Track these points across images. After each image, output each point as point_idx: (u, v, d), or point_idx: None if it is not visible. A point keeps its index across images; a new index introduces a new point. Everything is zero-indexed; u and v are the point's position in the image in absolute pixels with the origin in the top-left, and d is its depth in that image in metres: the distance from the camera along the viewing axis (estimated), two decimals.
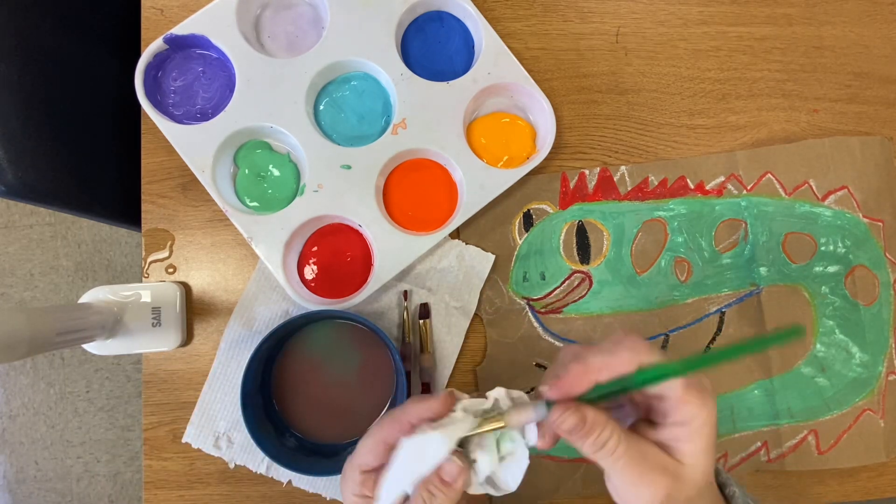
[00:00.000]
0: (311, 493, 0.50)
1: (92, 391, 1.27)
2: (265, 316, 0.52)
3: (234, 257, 0.52)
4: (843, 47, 0.57)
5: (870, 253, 0.54)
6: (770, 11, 0.57)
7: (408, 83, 0.51)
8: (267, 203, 0.51)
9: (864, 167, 0.55)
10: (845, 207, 0.54)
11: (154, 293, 0.49)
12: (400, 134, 0.51)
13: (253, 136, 0.51)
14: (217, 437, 0.50)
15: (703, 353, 0.28)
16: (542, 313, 0.53)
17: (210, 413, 0.51)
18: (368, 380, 0.50)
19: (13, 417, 1.26)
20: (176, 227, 0.53)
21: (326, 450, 0.50)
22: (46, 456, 1.26)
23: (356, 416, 0.50)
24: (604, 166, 0.54)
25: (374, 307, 0.52)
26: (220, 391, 0.51)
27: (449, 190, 0.52)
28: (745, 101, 0.56)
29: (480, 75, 0.52)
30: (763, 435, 0.52)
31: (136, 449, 1.27)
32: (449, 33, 0.54)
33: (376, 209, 0.50)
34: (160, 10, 0.54)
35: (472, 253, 0.52)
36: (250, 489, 0.50)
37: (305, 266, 0.51)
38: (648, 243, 0.53)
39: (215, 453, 0.50)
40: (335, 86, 0.53)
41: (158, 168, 0.53)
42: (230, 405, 0.51)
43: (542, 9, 0.56)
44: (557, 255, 0.53)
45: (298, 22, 0.53)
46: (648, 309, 0.53)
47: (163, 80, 0.51)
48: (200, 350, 0.51)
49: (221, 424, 0.50)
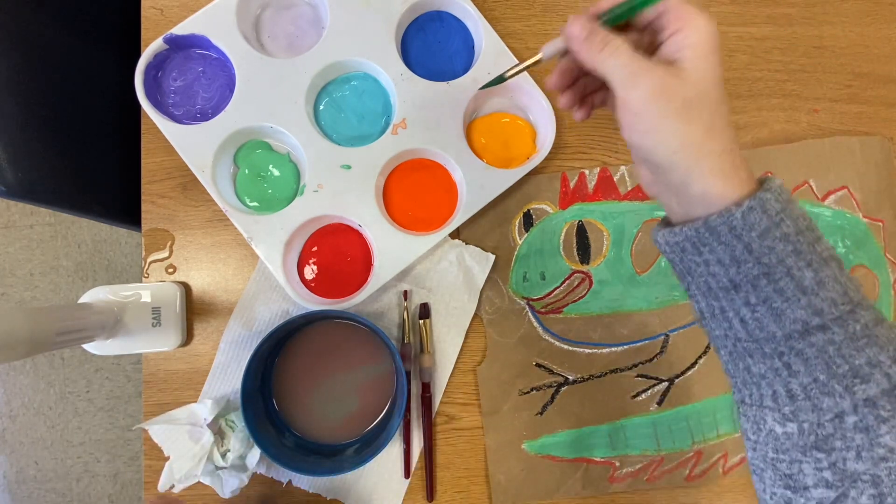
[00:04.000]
0: (311, 493, 0.50)
1: (92, 391, 1.27)
2: (265, 316, 0.52)
3: (234, 257, 0.52)
4: (843, 47, 0.57)
5: (870, 253, 0.54)
6: (770, 11, 0.57)
7: (408, 83, 0.51)
8: (267, 203, 0.51)
9: (864, 167, 0.55)
10: (845, 207, 0.54)
11: (154, 293, 0.49)
12: (400, 134, 0.51)
13: (253, 136, 0.51)
14: None
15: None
16: (542, 313, 0.53)
17: None
18: (368, 380, 0.50)
19: (13, 417, 1.26)
20: (176, 227, 0.53)
21: (326, 450, 0.50)
22: (46, 456, 1.26)
23: (356, 416, 0.50)
24: (604, 166, 0.54)
25: (374, 307, 0.52)
26: (220, 391, 0.51)
27: (449, 190, 0.52)
28: (745, 101, 0.56)
29: (480, 75, 0.52)
30: None
31: (136, 449, 1.27)
32: (449, 33, 0.54)
33: (376, 209, 0.50)
34: (160, 10, 0.54)
35: (472, 253, 0.52)
36: (250, 489, 0.50)
37: (305, 266, 0.51)
38: (648, 243, 0.53)
39: None
40: (335, 86, 0.53)
41: (158, 168, 0.53)
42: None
43: (542, 9, 0.56)
44: (557, 255, 0.53)
45: (298, 22, 0.53)
46: (648, 309, 0.53)
47: (163, 80, 0.51)
48: (200, 350, 0.51)
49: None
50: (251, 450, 0.48)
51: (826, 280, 0.28)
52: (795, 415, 0.29)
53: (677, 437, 0.52)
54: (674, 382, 0.53)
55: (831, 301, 0.28)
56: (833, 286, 0.28)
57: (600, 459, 0.52)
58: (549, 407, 0.52)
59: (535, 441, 0.51)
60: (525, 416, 0.52)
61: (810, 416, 0.29)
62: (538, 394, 0.52)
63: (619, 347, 0.53)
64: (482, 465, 0.52)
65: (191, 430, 0.47)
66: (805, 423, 0.29)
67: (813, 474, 0.29)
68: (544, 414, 0.52)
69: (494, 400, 0.52)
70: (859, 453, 0.27)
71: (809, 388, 0.29)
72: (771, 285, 0.29)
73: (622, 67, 0.29)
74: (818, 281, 0.28)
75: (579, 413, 0.52)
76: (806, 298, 0.28)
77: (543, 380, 0.52)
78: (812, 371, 0.29)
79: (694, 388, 0.53)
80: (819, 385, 0.29)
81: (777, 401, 0.30)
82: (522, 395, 0.52)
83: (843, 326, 0.28)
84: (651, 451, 0.52)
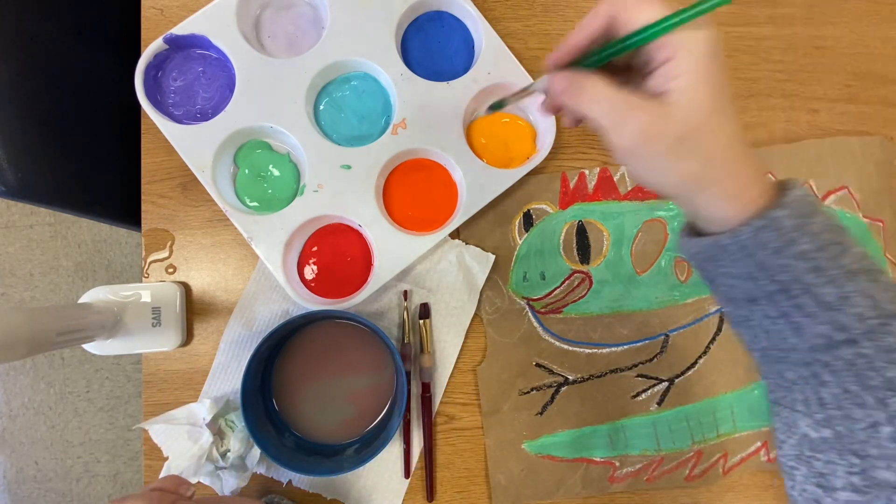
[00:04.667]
0: (311, 493, 0.50)
1: (92, 391, 1.27)
2: (265, 316, 0.51)
3: (234, 257, 0.52)
4: (843, 47, 0.57)
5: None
6: (770, 11, 0.57)
7: (408, 83, 0.51)
8: (267, 203, 0.51)
9: (864, 167, 0.55)
10: (845, 207, 0.54)
11: (154, 293, 0.49)
12: (400, 134, 0.51)
13: (253, 136, 0.51)
14: None
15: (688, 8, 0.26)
16: (542, 313, 0.53)
17: None
18: (368, 380, 0.50)
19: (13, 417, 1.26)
20: (176, 227, 0.53)
21: (326, 450, 0.50)
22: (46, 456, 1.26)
23: (356, 416, 0.50)
24: (604, 166, 0.54)
25: (374, 307, 0.52)
26: (220, 391, 0.51)
27: (449, 190, 0.52)
28: (745, 101, 0.56)
29: (480, 75, 0.52)
30: (763, 435, 0.52)
31: (136, 449, 1.27)
32: (449, 33, 0.54)
33: (376, 209, 0.50)
34: (160, 10, 0.54)
35: (472, 253, 0.52)
36: (250, 489, 0.50)
37: (305, 266, 0.51)
38: (648, 243, 0.53)
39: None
40: (335, 86, 0.53)
41: (158, 168, 0.53)
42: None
43: (542, 9, 0.56)
44: (557, 255, 0.53)
45: (298, 22, 0.53)
46: (648, 309, 0.53)
47: (163, 80, 0.51)
48: (200, 350, 0.51)
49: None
50: (251, 450, 0.48)
51: (851, 295, 0.27)
52: (829, 421, 0.29)
53: (677, 437, 0.52)
54: (674, 382, 0.53)
55: (857, 316, 0.27)
56: (860, 301, 0.27)
57: (600, 459, 0.52)
58: (549, 407, 0.52)
59: (535, 441, 0.51)
60: (525, 416, 0.52)
61: (844, 423, 0.28)
62: (538, 394, 0.52)
63: (619, 347, 0.53)
64: (482, 465, 0.52)
65: (190, 430, 0.47)
66: (840, 428, 0.28)
67: (844, 477, 0.28)
68: (544, 414, 0.52)
69: (494, 400, 0.52)
70: (890, 464, 0.27)
71: (841, 398, 0.28)
72: (789, 301, 0.28)
73: (606, 114, 0.29)
74: (842, 296, 0.27)
75: (579, 413, 0.52)
76: (828, 314, 0.28)
77: (543, 380, 0.52)
78: (842, 382, 0.28)
79: (694, 389, 0.53)
80: (851, 396, 0.28)
81: (809, 406, 0.30)
82: (522, 395, 0.52)
83: (873, 340, 0.27)
84: (651, 451, 0.52)
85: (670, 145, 0.27)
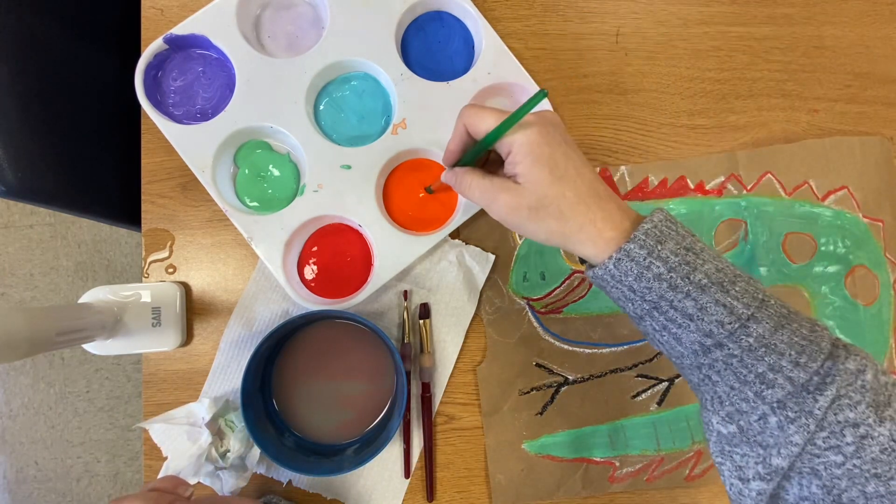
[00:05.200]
0: (311, 493, 0.50)
1: (92, 391, 1.27)
2: (265, 316, 0.52)
3: (234, 257, 0.52)
4: (843, 47, 0.57)
5: (870, 253, 0.54)
6: (770, 11, 0.57)
7: (408, 83, 0.51)
8: (267, 203, 0.51)
9: (864, 167, 0.55)
10: (845, 207, 0.54)
11: (154, 293, 0.49)
12: (400, 134, 0.51)
13: (253, 136, 0.51)
14: None
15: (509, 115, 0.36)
16: (542, 313, 0.53)
17: None
18: (368, 380, 0.50)
19: (13, 417, 1.27)
20: (176, 227, 0.53)
21: (326, 450, 0.50)
22: (46, 456, 1.26)
23: (356, 416, 0.50)
24: (604, 166, 0.54)
25: (374, 307, 0.52)
26: (220, 391, 0.51)
27: (449, 190, 0.52)
28: (745, 101, 0.56)
29: (480, 75, 0.52)
30: None
31: (136, 449, 1.27)
32: (449, 33, 0.54)
33: (376, 209, 0.50)
34: (160, 10, 0.54)
35: (473, 253, 0.52)
36: (250, 489, 0.50)
37: (305, 266, 0.51)
38: None
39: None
40: (335, 86, 0.53)
41: (158, 168, 0.53)
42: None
43: (542, 9, 0.56)
44: (557, 256, 0.53)
45: (298, 22, 0.53)
46: None
47: (163, 80, 0.51)
48: (200, 350, 0.51)
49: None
50: (251, 450, 0.48)
51: (707, 306, 0.32)
52: (731, 417, 0.33)
53: (677, 437, 0.52)
54: (674, 382, 0.53)
55: (717, 322, 0.32)
56: (715, 310, 0.32)
57: (600, 459, 0.52)
58: (549, 407, 0.52)
59: (535, 441, 0.51)
60: (525, 415, 0.52)
61: (742, 417, 0.32)
62: (538, 394, 0.52)
63: (619, 347, 0.53)
64: (482, 465, 0.52)
65: (189, 429, 0.47)
66: (741, 423, 0.33)
67: (753, 468, 0.32)
68: (544, 414, 0.52)
69: (494, 400, 0.52)
70: (780, 451, 0.31)
71: (732, 395, 0.33)
72: (662, 316, 0.34)
73: (480, 198, 0.39)
74: (700, 308, 0.32)
75: (579, 413, 0.52)
76: (694, 324, 0.32)
77: (543, 380, 0.52)
78: (726, 380, 0.33)
79: None
80: (736, 391, 0.32)
81: (713, 405, 0.34)
82: (522, 394, 0.52)
83: (736, 342, 0.32)
84: (651, 451, 0.52)
85: (528, 213, 0.36)
